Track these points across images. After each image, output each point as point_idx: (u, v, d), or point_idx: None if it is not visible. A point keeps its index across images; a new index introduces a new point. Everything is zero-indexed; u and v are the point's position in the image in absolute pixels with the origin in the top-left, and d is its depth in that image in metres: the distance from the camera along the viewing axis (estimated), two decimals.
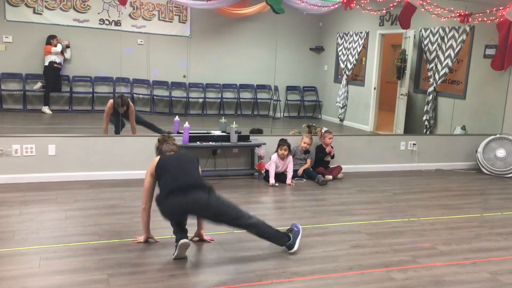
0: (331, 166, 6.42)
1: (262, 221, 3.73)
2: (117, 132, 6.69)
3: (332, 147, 6.37)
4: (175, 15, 10.11)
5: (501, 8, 6.86)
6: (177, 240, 3.57)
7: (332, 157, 6.39)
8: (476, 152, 7.20)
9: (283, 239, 3.77)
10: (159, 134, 6.78)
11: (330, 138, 6.33)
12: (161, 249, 3.74)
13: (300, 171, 6.14)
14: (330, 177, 6.17)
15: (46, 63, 9.20)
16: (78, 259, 3.50)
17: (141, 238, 3.88)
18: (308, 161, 6.28)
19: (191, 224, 3.76)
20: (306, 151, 6.28)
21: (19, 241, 3.78)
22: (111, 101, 6.58)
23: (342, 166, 6.47)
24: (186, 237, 3.61)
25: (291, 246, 3.76)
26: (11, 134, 5.71)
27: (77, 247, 3.71)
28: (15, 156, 5.37)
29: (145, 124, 7.09)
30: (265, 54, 10.03)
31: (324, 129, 6.45)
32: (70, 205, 4.73)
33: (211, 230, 4.16)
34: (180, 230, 3.64)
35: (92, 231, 4.06)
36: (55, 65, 9.23)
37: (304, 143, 6.21)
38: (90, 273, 3.29)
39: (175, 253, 3.58)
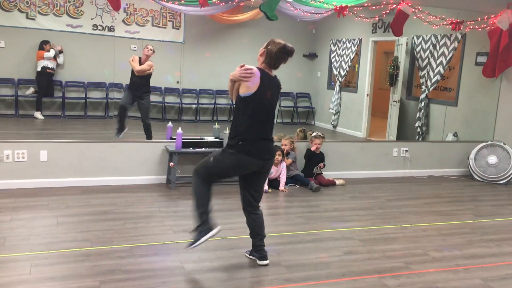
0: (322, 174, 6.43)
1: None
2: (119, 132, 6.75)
3: (324, 165, 6.38)
4: (168, 21, 10.13)
5: (492, 16, 6.93)
6: (210, 226, 3.43)
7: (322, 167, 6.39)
8: (468, 158, 7.24)
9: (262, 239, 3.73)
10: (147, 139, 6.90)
11: (316, 143, 6.32)
12: (153, 255, 3.72)
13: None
14: (342, 181, 6.31)
15: (39, 69, 9.18)
16: (69, 265, 3.47)
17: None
18: (288, 161, 6.21)
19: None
20: (288, 153, 6.25)
21: (10, 247, 3.75)
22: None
23: (335, 173, 6.54)
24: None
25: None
26: (2, 139, 5.67)
27: (68, 253, 3.69)
28: (7, 161, 5.33)
29: (146, 122, 7.10)
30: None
31: (315, 133, 6.52)
32: (62, 211, 4.70)
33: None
34: (210, 215, 3.48)
35: (84, 237, 4.04)
36: (47, 70, 9.21)
37: (283, 145, 6.19)
38: (81, 280, 3.26)
39: (203, 238, 3.41)
